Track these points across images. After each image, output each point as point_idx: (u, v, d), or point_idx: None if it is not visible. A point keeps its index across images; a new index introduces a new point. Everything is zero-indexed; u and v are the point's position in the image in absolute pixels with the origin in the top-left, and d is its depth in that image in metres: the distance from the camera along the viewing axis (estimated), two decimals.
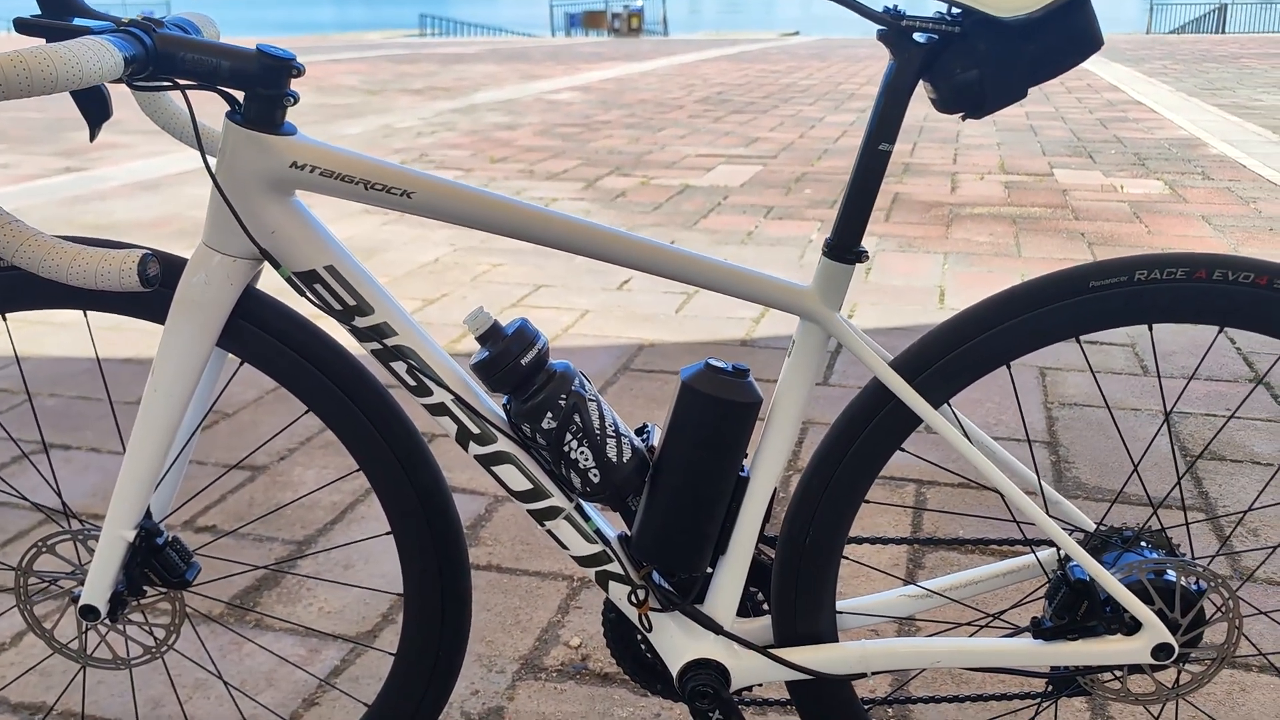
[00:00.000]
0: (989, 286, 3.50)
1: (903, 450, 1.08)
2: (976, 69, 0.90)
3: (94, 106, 1.00)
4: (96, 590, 1.09)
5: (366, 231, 4.24)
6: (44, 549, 1.13)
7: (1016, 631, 1.11)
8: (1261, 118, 7.61)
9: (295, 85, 10.20)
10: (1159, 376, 1.39)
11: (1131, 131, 7.05)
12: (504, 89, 10.07)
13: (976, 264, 3.78)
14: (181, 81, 0.93)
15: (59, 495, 1.13)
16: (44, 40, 0.90)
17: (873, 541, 1.20)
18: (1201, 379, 2.69)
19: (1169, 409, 2.51)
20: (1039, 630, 1.08)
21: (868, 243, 4.08)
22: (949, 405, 1.06)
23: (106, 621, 1.11)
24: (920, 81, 0.94)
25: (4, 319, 1.08)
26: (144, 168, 5.57)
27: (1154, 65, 12.64)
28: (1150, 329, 1.02)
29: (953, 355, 1.00)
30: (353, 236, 4.15)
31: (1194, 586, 1.04)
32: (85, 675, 1.44)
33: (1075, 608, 1.06)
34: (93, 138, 1.02)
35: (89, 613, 1.10)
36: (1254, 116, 7.69)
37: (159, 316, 1.03)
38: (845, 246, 0.99)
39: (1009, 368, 1.03)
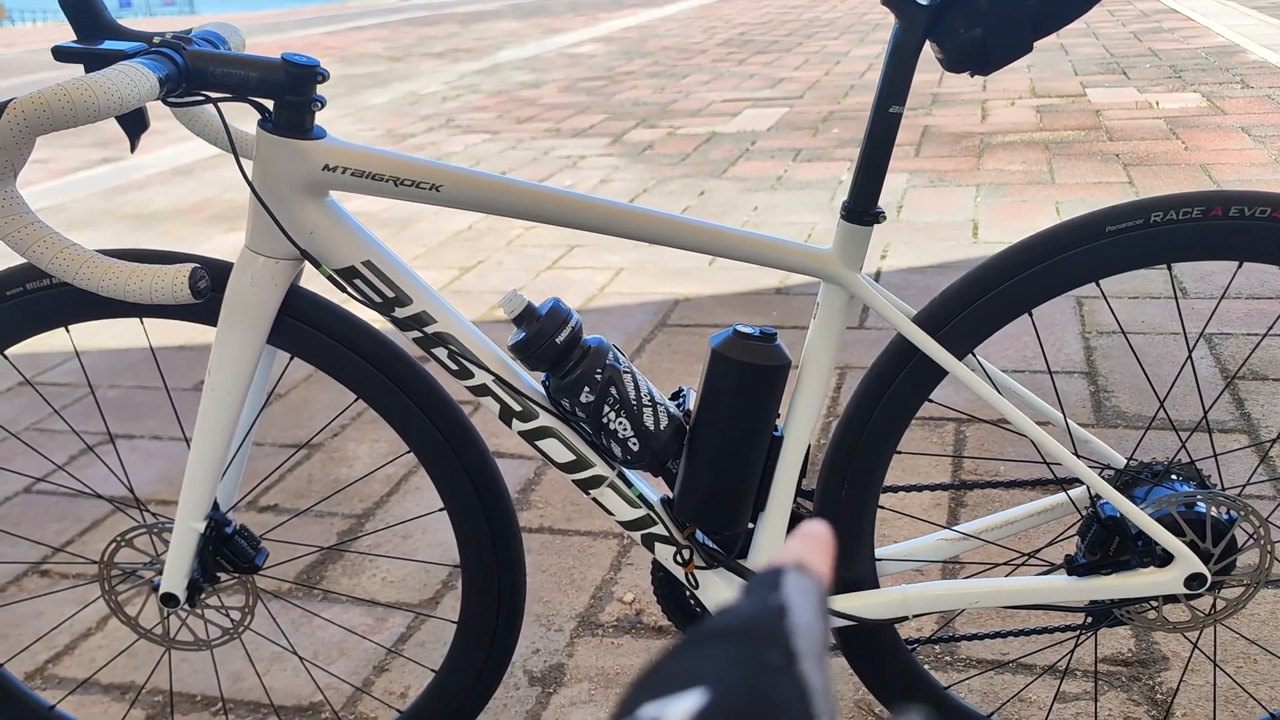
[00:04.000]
0: (1023, 218, 3.47)
1: (931, 401, 1.11)
2: (980, 27, 0.91)
3: (133, 121, 1.05)
4: (174, 579, 1.16)
5: (399, 203, 4.29)
6: (123, 543, 1.20)
7: (1052, 569, 1.15)
8: None
9: (320, 57, 10.15)
10: (1179, 311, 1.39)
11: (1167, 43, 6.88)
12: (526, 46, 10.02)
13: (1010, 194, 3.75)
14: (213, 95, 0.97)
15: (130, 490, 1.20)
16: (83, 68, 0.94)
17: (907, 489, 1.23)
18: (1242, 297, 2.67)
19: (1193, 339, 2.50)
20: (1073, 567, 1.12)
21: (898, 180, 4.06)
22: (974, 355, 1.09)
23: (186, 607, 1.18)
24: (926, 42, 0.95)
25: (67, 331, 1.14)
26: (178, 154, 5.66)
27: None
28: (1170, 268, 1.04)
29: (974, 307, 1.03)
30: (386, 208, 4.20)
31: (1224, 516, 1.07)
32: (170, 656, 1.53)
33: (1107, 543, 1.10)
34: (133, 149, 1.07)
35: (169, 600, 1.17)
36: None
37: (211, 320, 1.08)
38: (862, 209, 1.01)
39: (1031, 315, 1.05)
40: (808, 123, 5.32)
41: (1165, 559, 1.07)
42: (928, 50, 0.98)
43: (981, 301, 1.03)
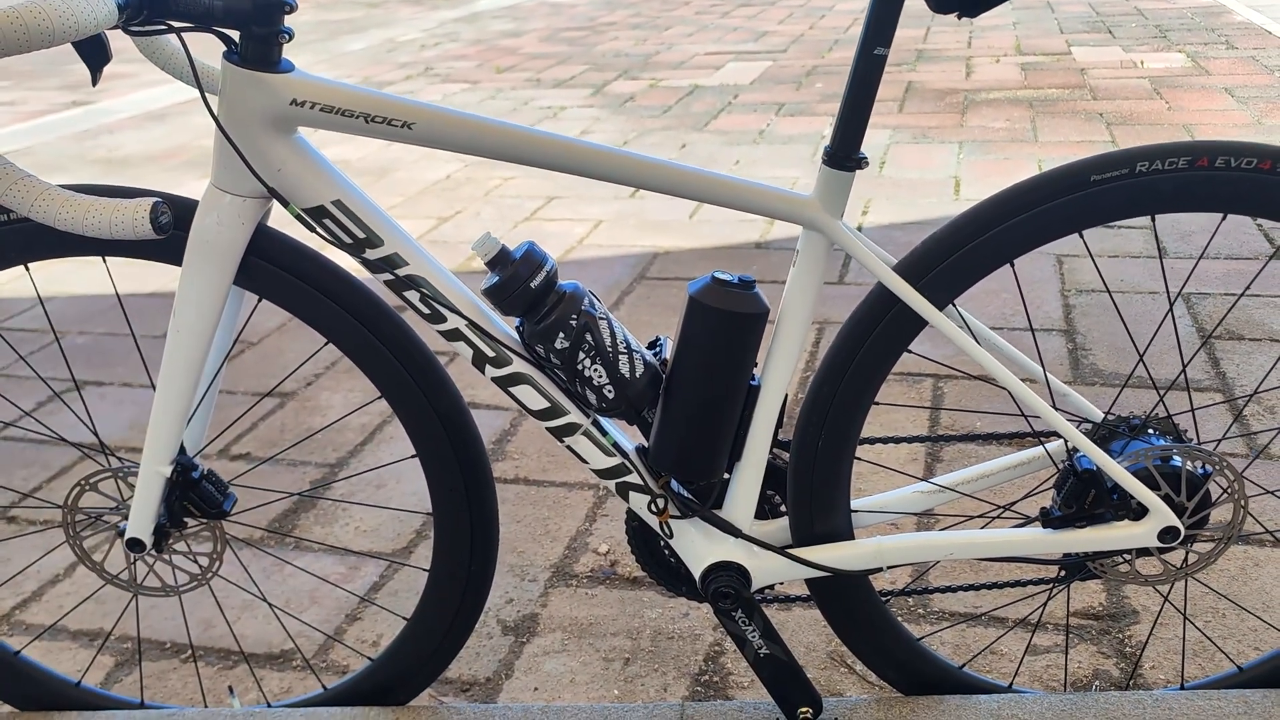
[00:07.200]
0: (1005, 175, 3.46)
1: (910, 351, 1.09)
2: None
3: (94, 52, 1.01)
4: (140, 524, 1.14)
5: (375, 152, 4.22)
6: (87, 487, 1.17)
7: (1027, 521, 1.14)
8: None
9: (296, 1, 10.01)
10: (1162, 266, 1.38)
11: (1153, 2, 6.83)
12: None
13: (992, 151, 3.73)
14: (176, 25, 0.93)
15: (95, 434, 1.17)
16: None
17: (884, 441, 1.22)
18: (1221, 258, 2.67)
19: (1175, 294, 2.50)
20: (1048, 519, 1.11)
21: (880, 136, 4.03)
22: (954, 305, 1.08)
23: (153, 553, 1.16)
24: None
25: (27, 269, 1.11)
26: (150, 98, 5.54)
27: None
28: (1153, 220, 1.02)
29: (955, 257, 1.01)
30: (363, 157, 4.14)
31: (1199, 470, 1.07)
32: (138, 602, 1.51)
33: (1083, 496, 1.09)
34: (95, 82, 1.03)
35: (135, 545, 1.15)
36: None
37: (176, 259, 1.05)
38: (845, 154, 0.99)
39: (1013, 265, 1.04)
40: (791, 77, 5.27)
41: (1140, 512, 1.07)
42: (917, 3, 0.95)
43: (964, 250, 1.01)
